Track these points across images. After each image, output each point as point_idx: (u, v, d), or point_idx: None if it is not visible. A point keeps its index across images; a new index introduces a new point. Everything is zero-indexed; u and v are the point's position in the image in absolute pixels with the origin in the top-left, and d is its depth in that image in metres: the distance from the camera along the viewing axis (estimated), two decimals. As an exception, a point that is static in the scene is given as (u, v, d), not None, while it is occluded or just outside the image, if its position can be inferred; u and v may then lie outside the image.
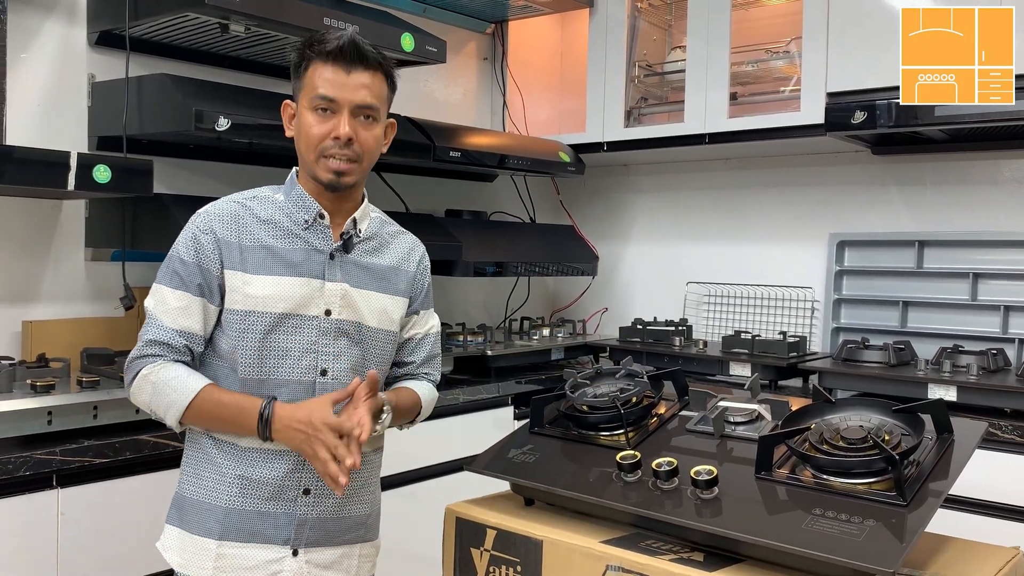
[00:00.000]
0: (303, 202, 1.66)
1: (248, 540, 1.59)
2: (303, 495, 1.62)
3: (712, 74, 3.19)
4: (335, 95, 1.59)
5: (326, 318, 1.63)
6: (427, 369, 1.84)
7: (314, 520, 1.63)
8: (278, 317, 1.60)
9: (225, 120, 2.22)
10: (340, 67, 1.59)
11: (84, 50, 2.51)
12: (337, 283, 1.64)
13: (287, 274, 1.61)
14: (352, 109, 1.60)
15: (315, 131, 1.60)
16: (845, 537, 1.29)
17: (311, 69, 1.61)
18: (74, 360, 2.30)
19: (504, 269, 3.21)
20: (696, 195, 3.72)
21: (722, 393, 1.81)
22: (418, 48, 2.64)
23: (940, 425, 1.49)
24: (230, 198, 1.67)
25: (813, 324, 3.34)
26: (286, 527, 1.61)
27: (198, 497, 1.62)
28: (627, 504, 1.51)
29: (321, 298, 1.63)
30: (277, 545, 1.61)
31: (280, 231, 1.63)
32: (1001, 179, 3.01)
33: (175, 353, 1.59)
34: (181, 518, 1.65)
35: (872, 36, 2.77)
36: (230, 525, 1.59)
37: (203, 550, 1.60)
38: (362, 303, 1.67)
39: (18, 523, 1.86)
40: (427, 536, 1.88)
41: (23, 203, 2.40)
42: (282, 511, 1.61)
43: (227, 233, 1.61)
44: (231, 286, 1.60)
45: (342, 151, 1.60)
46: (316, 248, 1.64)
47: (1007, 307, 2.92)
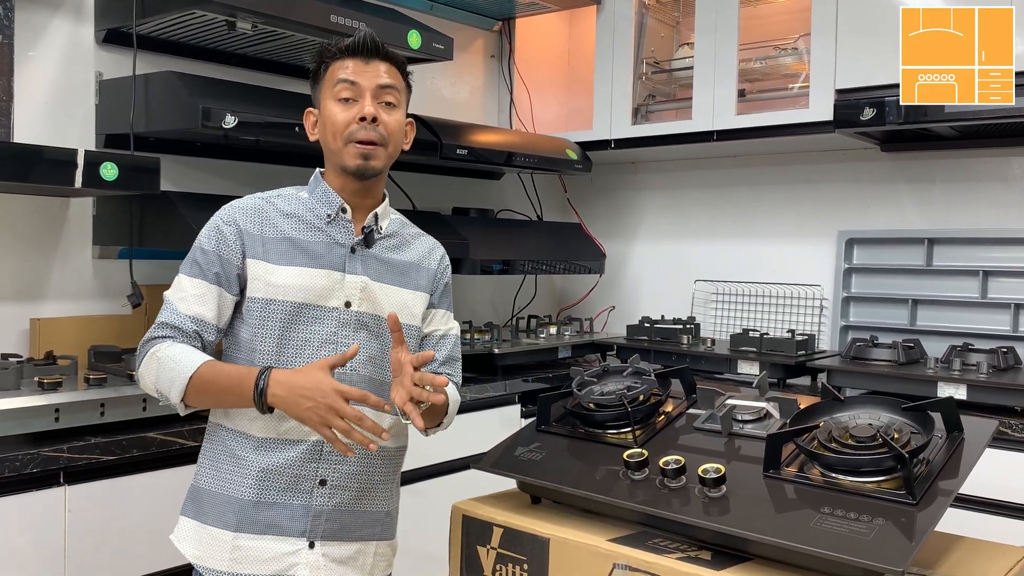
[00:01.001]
0: (326, 197, 1.68)
1: (264, 532, 1.60)
2: (319, 486, 1.62)
3: (720, 71, 3.18)
4: (356, 79, 1.63)
5: (346, 310, 1.64)
6: (449, 370, 1.80)
7: (330, 512, 1.63)
8: (298, 307, 1.61)
9: (232, 118, 2.22)
10: (359, 58, 1.64)
11: (91, 48, 2.51)
12: (358, 276, 1.66)
13: (309, 265, 1.63)
14: (374, 91, 1.63)
15: (340, 117, 1.63)
16: (854, 536, 1.29)
17: (331, 67, 1.65)
18: (81, 358, 2.31)
19: (511, 267, 3.20)
20: (704, 192, 3.70)
21: (730, 391, 1.80)
22: (425, 45, 2.63)
23: (950, 423, 1.48)
24: (253, 195, 1.70)
25: (822, 322, 3.32)
26: (302, 519, 1.61)
27: (215, 488, 1.63)
28: (634, 502, 1.50)
29: (342, 290, 1.64)
30: (293, 537, 1.60)
31: (302, 224, 1.66)
32: (1011, 176, 2.99)
33: (185, 337, 1.60)
34: (197, 510, 1.65)
35: (881, 33, 2.76)
36: (246, 517, 1.59)
37: (219, 542, 1.60)
38: (382, 296, 1.68)
39: (25, 520, 1.87)
40: (434, 534, 1.88)
41: (31, 201, 2.40)
42: (299, 502, 1.61)
43: (250, 225, 1.63)
44: (253, 275, 1.62)
45: (367, 133, 1.62)
46: (337, 241, 1.66)
47: (1017, 305, 2.90)
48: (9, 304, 2.38)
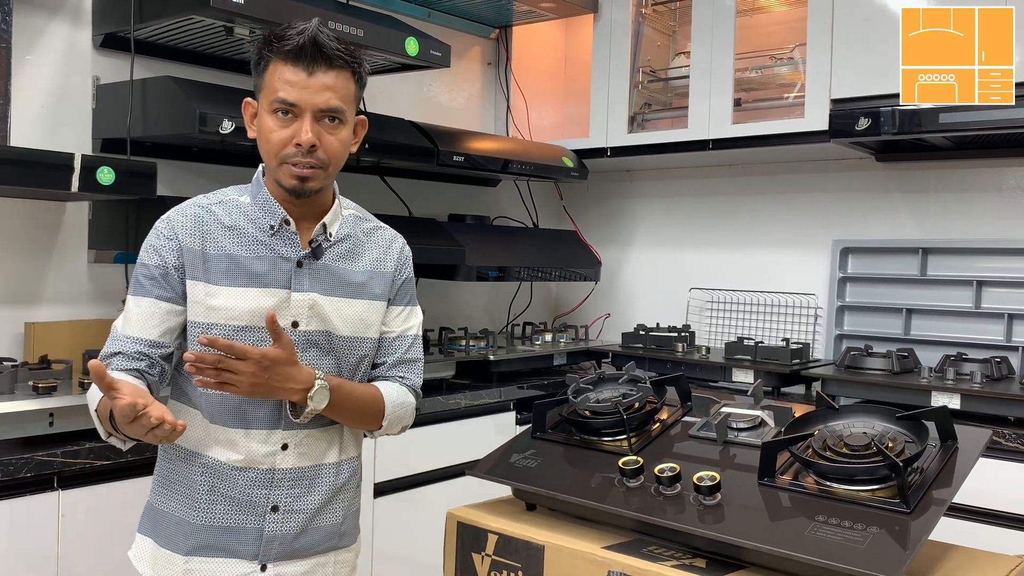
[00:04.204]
0: (267, 206, 1.58)
1: (216, 555, 1.56)
2: (271, 512, 1.57)
3: (716, 80, 3.19)
4: (296, 99, 1.49)
5: (293, 330, 1.55)
6: (401, 372, 1.71)
7: (283, 536, 1.58)
8: (240, 329, 1.53)
9: (229, 123, 2.22)
10: (300, 67, 1.49)
11: (89, 52, 2.52)
12: (304, 293, 1.57)
13: (251, 285, 1.53)
14: (315, 113, 1.50)
15: (275, 136, 1.51)
16: (848, 544, 1.29)
17: (271, 68, 1.51)
18: (76, 362, 2.30)
19: (507, 274, 3.20)
20: (699, 201, 3.71)
21: (725, 399, 1.81)
22: (422, 53, 2.64)
23: (944, 433, 1.48)
24: (194, 202, 1.60)
25: (816, 331, 3.33)
26: (254, 542, 1.56)
27: (167, 510, 1.59)
28: (629, 510, 1.50)
29: (288, 310, 1.55)
30: (246, 560, 1.56)
31: (245, 239, 1.55)
32: (1006, 187, 3.01)
33: (128, 360, 1.51)
34: (153, 529, 1.61)
35: (876, 43, 2.77)
36: (199, 540, 1.56)
37: (171, 564, 1.57)
38: (332, 312, 1.59)
39: (19, 524, 1.86)
40: (428, 541, 1.87)
41: (26, 204, 2.40)
42: (251, 526, 1.56)
43: (191, 240, 1.54)
44: (192, 297, 1.54)
45: (304, 159, 1.51)
46: (282, 256, 1.56)
47: (1011, 315, 2.91)
48: (4, 308, 2.38)
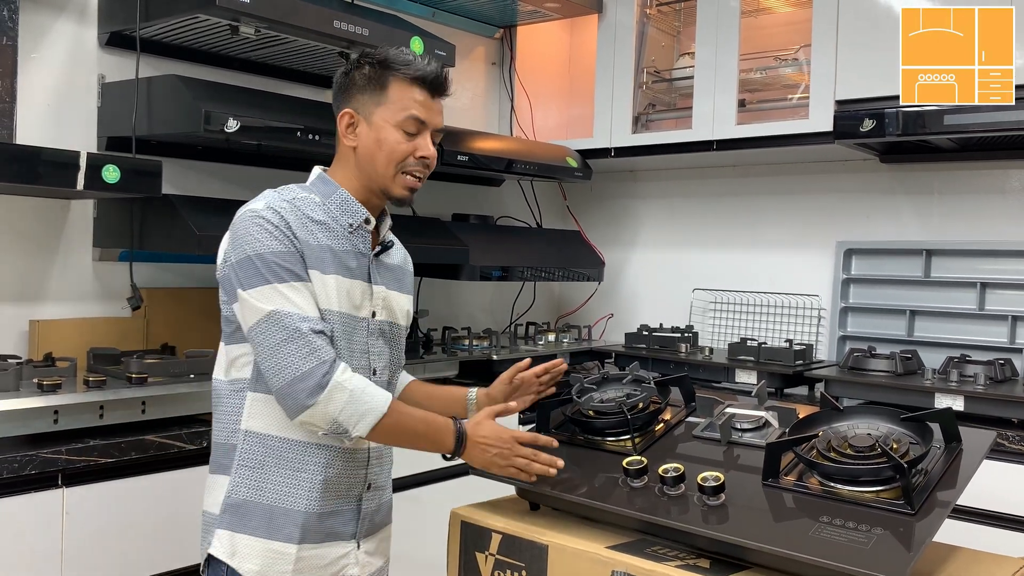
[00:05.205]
0: (347, 206, 1.65)
1: (324, 540, 1.62)
2: (367, 490, 1.67)
3: (720, 81, 3.19)
4: (426, 118, 1.65)
5: (372, 320, 1.68)
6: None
7: (372, 513, 1.70)
8: (340, 317, 1.61)
9: (234, 122, 2.23)
10: (427, 92, 1.65)
11: (95, 50, 2.52)
12: (380, 286, 1.70)
13: (346, 275, 1.63)
14: (433, 132, 1.68)
15: (402, 148, 1.64)
16: (852, 545, 1.29)
17: (398, 87, 1.63)
18: (81, 360, 2.31)
19: (510, 274, 3.21)
20: (703, 202, 3.71)
21: (729, 400, 1.81)
22: (427, 52, 2.64)
23: (948, 434, 1.48)
24: (275, 196, 1.60)
25: (819, 332, 3.33)
26: (353, 522, 1.66)
27: (274, 503, 1.57)
28: (633, 510, 1.50)
29: (370, 301, 1.67)
30: (346, 540, 1.65)
31: (334, 233, 1.63)
32: (1010, 188, 3.01)
33: (327, 340, 1.55)
34: (253, 525, 1.58)
35: (881, 44, 2.77)
36: (310, 528, 1.59)
37: (283, 556, 1.57)
38: (396, 305, 1.74)
39: (23, 522, 1.86)
40: (432, 540, 1.87)
41: (32, 202, 2.41)
42: (350, 507, 1.65)
43: (299, 230, 1.57)
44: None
45: (423, 169, 1.68)
46: (361, 252, 1.67)
47: (1015, 317, 2.91)
48: (9, 305, 2.38)
